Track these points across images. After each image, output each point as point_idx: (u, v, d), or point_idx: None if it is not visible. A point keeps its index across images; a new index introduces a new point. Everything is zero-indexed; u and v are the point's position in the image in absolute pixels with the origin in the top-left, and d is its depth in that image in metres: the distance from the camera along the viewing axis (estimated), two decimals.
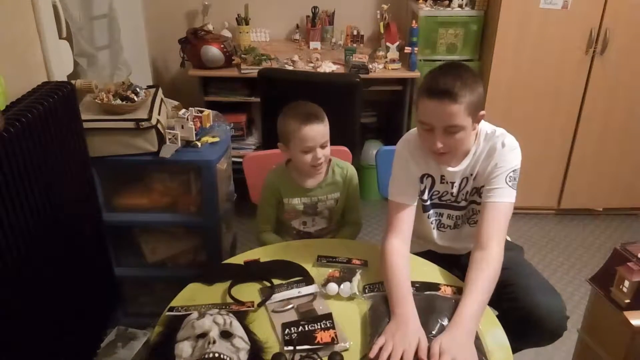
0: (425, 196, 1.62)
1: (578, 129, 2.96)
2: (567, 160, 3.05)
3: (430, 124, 1.42)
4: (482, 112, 1.46)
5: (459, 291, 1.38)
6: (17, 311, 1.35)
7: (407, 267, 1.42)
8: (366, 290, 1.40)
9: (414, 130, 1.58)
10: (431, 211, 1.65)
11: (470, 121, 1.41)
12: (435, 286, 1.40)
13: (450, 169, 1.55)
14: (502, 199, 1.46)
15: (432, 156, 1.51)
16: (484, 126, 1.55)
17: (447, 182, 1.59)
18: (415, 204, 1.57)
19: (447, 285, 1.41)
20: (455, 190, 1.59)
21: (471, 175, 1.56)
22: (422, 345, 1.18)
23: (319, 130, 1.68)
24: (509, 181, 1.46)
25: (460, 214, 1.65)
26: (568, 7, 2.69)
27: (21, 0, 1.64)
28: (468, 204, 1.63)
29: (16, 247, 1.34)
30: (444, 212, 1.65)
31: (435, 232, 1.69)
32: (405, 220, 1.52)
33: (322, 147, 1.70)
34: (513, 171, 1.48)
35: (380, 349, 1.18)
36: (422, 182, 1.59)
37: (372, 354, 1.17)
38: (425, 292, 1.37)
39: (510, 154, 1.49)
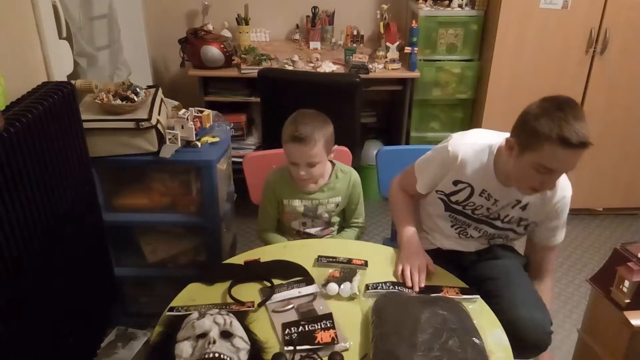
0: (455, 200, 1.62)
1: None
2: None
3: (552, 169, 1.38)
4: None
5: (461, 291, 1.40)
6: (17, 311, 1.35)
7: (410, 201, 1.72)
8: (369, 288, 1.40)
9: (472, 140, 1.57)
10: (456, 216, 1.65)
11: None
12: (437, 288, 1.41)
13: (504, 186, 1.54)
14: (560, 240, 1.66)
15: (528, 192, 1.48)
16: None
17: (488, 197, 1.57)
18: (426, 192, 1.67)
19: (450, 287, 1.42)
20: (495, 208, 1.58)
21: (519, 202, 1.56)
22: (429, 261, 1.52)
23: (303, 151, 1.67)
24: (564, 226, 1.63)
25: (488, 231, 1.65)
26: (568, 7, 2.69)
27: (21, 0, 1.64)
28: (504, 230, 1.63)
29: (16, 247, 1.34)
30: (472, 224, 1.65)
31: (448, 230, 1.69)
32: (413, 193, 1.72)
33: (310, 166, 1.70)
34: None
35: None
36: (455, 185, 1.59)
37: (398, 279, 1.47)
38: (430, 295, 1.38)
39: (569, 203, 1.58)
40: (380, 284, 1.41)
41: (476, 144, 1.56)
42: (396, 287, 1.40)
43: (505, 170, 1.50)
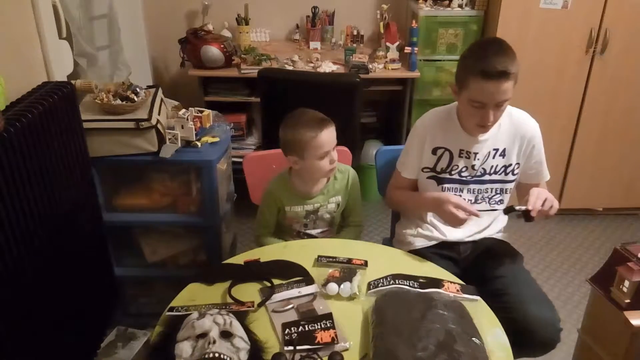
0: (440, 169, 1.71)
1: (578, 129, 2.96)
2: (567, 160, 3.05)
3: (483, 103, 1.52)
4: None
5: (461, 288, 1.40)
6: (17, 311, 1.35)
7: (409, 191, 1.79)
8: (371, 286, 1.40)
9: (434, 109, 1.76)
10: (448, 185, 1.72)
11: (512, 91, 1.53)
12: (438, 282, 1.41)
13: (473, 137, 1.65)
14: (548, 177, 1.76)
15: (476, 130, 1.62)
16: None
17: (467, 156, 1.67)
18: (415, 177, 1.76)
19: (450, 282, 1.41)
20: (477, 162, 1.67)
21: (496, 150, 1.65)
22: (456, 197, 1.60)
23: (333, 133, 1.70)
24: (545, 162, 1.73)
25: (481, 188, 1.71)
26: (568, 7, 2.69)
27: (21, 0, 1.64)
28: (494, 182, 1.70)
29: (16, 247, 1.34)
30: (464, 187, 1.71)
31: None
32: (406, 186, 1.80)
33: (334, 148, 1.73)
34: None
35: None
36: (434, 153, 1.69)
37: (459, 215, 1.55)
38: (428, 290, 1.37)
39: (540, 135, 1.69)
40: (381, 280, 1.41)
41: (437, 111, 1.74)
42: (397, 281, 1.40)
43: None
